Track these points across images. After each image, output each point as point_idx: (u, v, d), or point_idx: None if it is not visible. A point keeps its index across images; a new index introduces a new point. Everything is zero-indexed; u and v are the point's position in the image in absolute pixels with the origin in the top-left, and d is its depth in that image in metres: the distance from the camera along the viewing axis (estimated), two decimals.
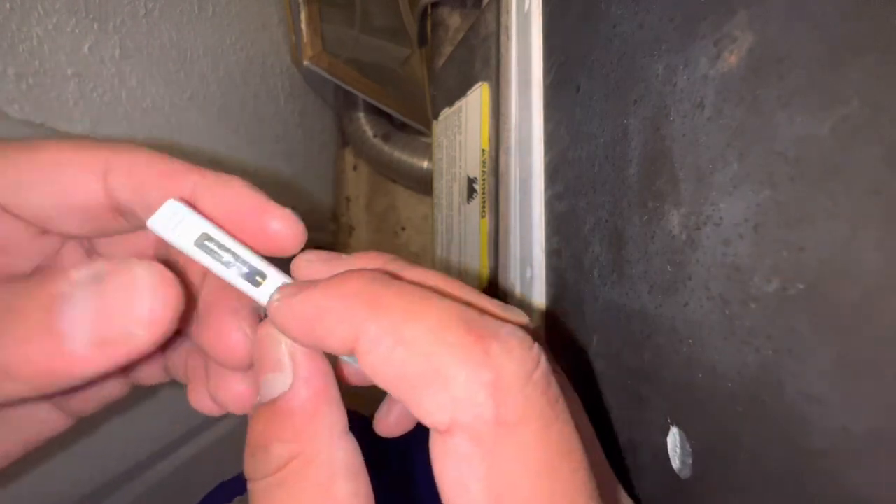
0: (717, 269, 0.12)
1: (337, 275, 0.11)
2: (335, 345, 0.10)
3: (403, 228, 1.01)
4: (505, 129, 0.28)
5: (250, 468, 0.11)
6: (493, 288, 0.30)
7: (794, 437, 0.10)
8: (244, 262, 0.12)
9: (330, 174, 0.91)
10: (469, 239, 0.34)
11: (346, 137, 0.91)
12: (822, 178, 0.09)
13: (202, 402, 0.15)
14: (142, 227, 0.12)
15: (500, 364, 0.09)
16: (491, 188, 0.30)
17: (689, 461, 0.13)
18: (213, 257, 0.11)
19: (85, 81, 0.39)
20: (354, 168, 0.97)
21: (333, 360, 0.12)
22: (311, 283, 0.11)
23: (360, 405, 0.23)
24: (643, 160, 0.15)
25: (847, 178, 0.09)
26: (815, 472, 0.10)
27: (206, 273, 0.14)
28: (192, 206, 0.12)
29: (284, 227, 0.12)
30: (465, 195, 0.34)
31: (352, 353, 0.10)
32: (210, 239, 0.11)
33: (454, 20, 0.45)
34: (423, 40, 0.54)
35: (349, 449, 0.11)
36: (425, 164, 0.81)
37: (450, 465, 0.09)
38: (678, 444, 0.14)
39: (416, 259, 1.03)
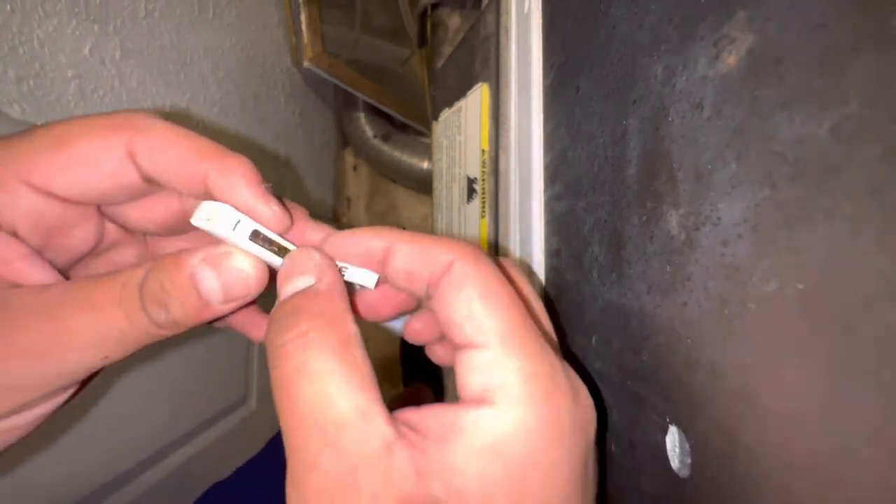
0: (715, 270, 0.12)
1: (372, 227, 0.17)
2: (375, 251, 0.15)
3: (403, 228, 1.01)
4: (505, 129, 0.29)
5: (281, 337, 0.13)
6: None
7: (793, 437, 0.10)
8: (271, 242, 0.15)
9: (330, 174, 0.91)
10: (469, 239, 0.34)
11: (346, 138, 0.91)
12: (821, 179, 0.09)
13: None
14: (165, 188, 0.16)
15: (467, 242, 0.15)
16: (491, 188, 0.30)
17: (689, 461, 0.13)
18: (252, 241, 0.15)
19: (85, 83, 0.39)
20: (354, 168, 0.97)
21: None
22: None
23: None
24: (642, 161, 0.15)
25: (846, 179, 0.09)
26: (815, 472, 0.10)
27: None
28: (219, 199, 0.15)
29: (273, 218, 0.15)
30: (465, 195, 0.34)
31: (384, 259, 0.15)
32: (241, 224, 0.15)
33: (454, 21, 0.45)
34: (422, 41, 0.54)
35: (358, 329, 0.14)
36: (425, 164, 0.81)
37: (455, 288, 0.14)
38: (677, 444, 0.14)
39: None
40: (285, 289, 0.15)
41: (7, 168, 0.14)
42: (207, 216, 0.15)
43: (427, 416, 0.13)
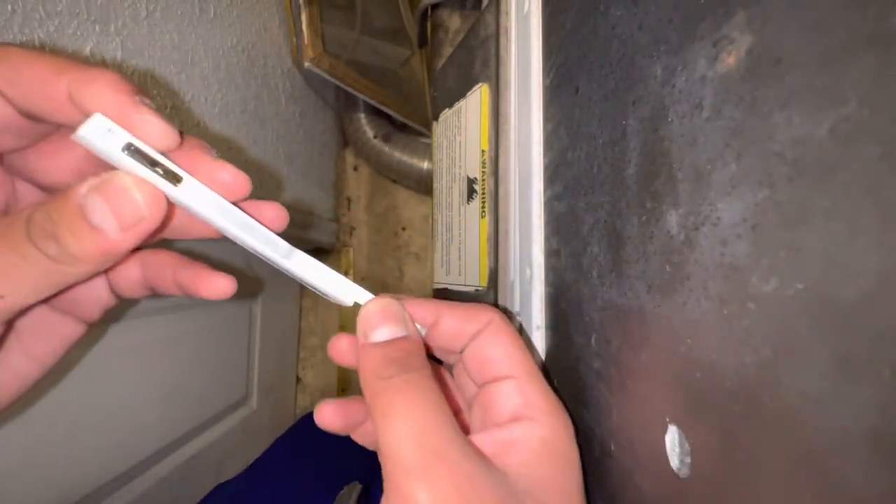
0: (715, 269, 0.12)
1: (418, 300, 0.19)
2: (428, 318, 0.19)
3: (404, 229, 1.01)
4: (504, 130, 0.29)
5: (392, 370, 0.16)
6: (493, 288, 0.30)
7: (793, 437, 0.10)
8: (153, 161, 0.14)
9: (331, 175, 0.91)
10: (469, 239, 0.34)
11: (346, 138, 0.91)
12: (820, 179, 0.10)
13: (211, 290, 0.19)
14: (53, 127, 0.16)
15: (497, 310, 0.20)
16: (491, 189, 0.30)
17: (688, 460, 0.13)
18: (130, 156, 0.14)
19: None
20: (355, 169, 0.97)
21: None
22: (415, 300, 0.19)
23: None
24: (642, 161, 0.15)
25: (845, 179, 0.09)
26: (814, 471, 0.10)
27: None
28: (107, 118, 0.14)
29: (148, 130, 0.15)
30: (465, 196, 0.34)
31: (433, 324, 0.19)
32: (113, 134, 0.14)
33: (454, 22, 0.45)
34: (423, 42, 0.54)
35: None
36: (425, 164, 0.81)
37: (495, 337, 0.19)
38: (677, 443, 0.14)
39: (416, 259, 1.03)
40: (381, 331, 0.17)
41: None
42: (83, 131, 0.14)
43: (481, 440, 0.17)
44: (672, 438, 0.14)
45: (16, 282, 0.14)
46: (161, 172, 0.14)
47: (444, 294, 0.38)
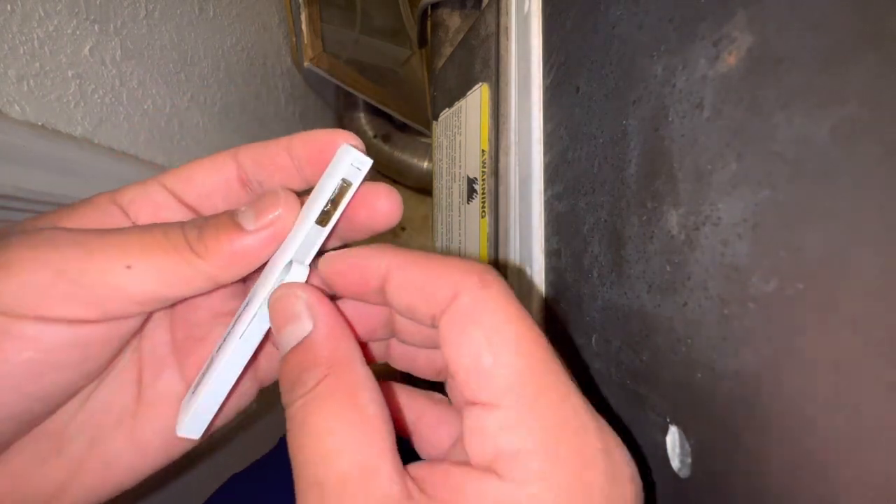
0: (715, 269, 0.12)
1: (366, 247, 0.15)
2: (374, 277, 0.14)
3: (403, 228, 1.01)
4: (504, 129, 0.29)
5: (287, 397, 0.13)
6: None
7: (793, 437, 0.10)
8: (334, 207, 0.15)
9: None
10: (469, 239, 0.34)
11: None
12: (820, 179, 0.10)
13: None
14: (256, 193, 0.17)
15: (475, 263, 0.13)
16: (491, 188, 0.30)
17: (689, 460, 0.13)
18: (336, 189, 0.15)
19: (85, 83, 0.39)
20: None
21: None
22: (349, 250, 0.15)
23: None
24: (642, 161, 0.15)
25: (846, 179, 0.09)
26: (814, 471, 0.10)
27: None
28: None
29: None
30: (465, 195, 0.34)
31: (383, 285, 0.14)
32: (344, 183, 0.15)
33: (454, 21, 0.45)
34: (423, 41, 0.54)
35: (368, 371, 0.13)
36: (425, 164, 0.81)
37: (457, 330, 0.12)
38: (677, 444, 0.14)
39: None
40: (282, 340, 0.14)
41: (156, 176, 0.16)
42: (354, 141, 0.15)
43: (437, 474, 0.12)
44: (673, 439, 0.14)
45: (150, 256, 0.13)
46: (326, 209, 0.15)
47: None
